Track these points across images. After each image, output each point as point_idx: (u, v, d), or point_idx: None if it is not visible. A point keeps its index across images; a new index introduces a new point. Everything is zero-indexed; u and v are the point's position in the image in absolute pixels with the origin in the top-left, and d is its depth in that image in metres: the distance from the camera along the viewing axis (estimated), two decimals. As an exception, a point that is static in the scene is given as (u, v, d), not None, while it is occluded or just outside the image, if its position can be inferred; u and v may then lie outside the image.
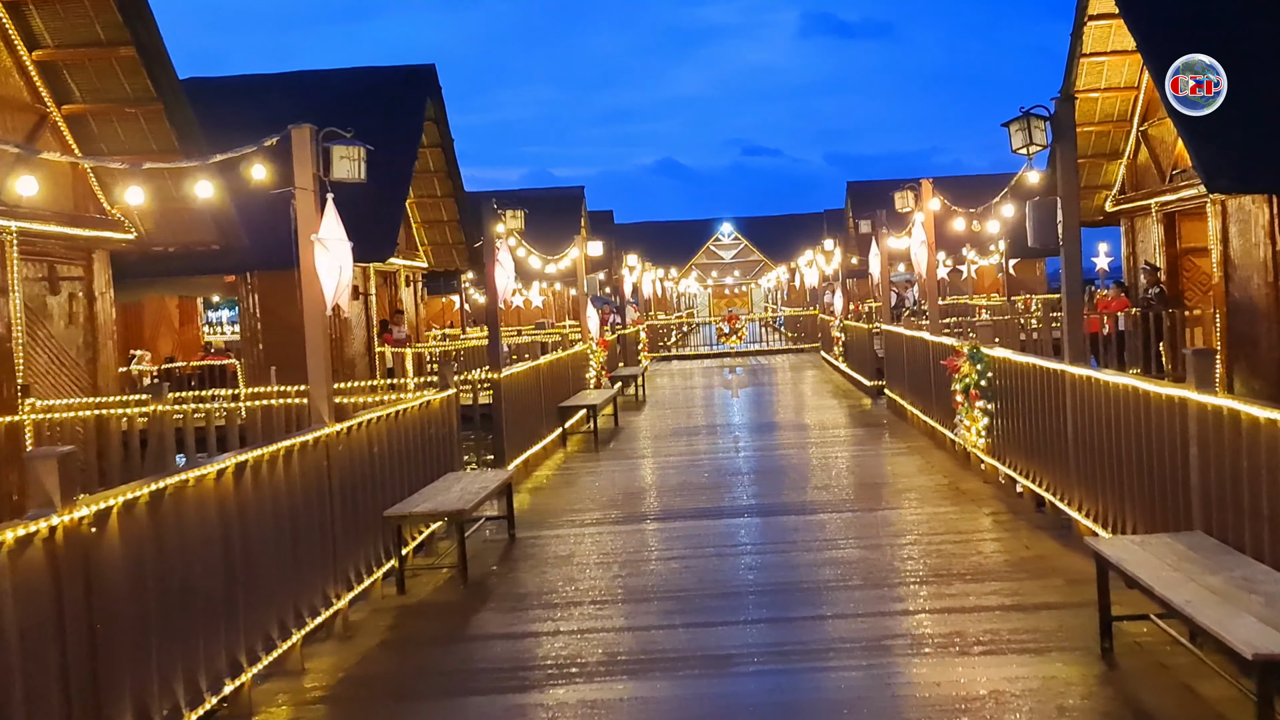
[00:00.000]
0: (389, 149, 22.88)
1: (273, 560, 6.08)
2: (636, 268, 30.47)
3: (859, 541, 8.68)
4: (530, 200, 48.32)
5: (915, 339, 14.57)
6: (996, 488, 10.38)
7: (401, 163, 22.69)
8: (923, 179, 13.14)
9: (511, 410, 12.46)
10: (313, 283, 6.98)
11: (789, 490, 11.15)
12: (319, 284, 6.96)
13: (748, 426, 16.82)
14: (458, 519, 7.95)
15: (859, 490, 10.94)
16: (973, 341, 10.67)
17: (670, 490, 11.61)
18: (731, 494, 11.19)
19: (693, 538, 9.25)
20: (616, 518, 10.23)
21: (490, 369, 11.89)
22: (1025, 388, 9.23)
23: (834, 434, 15.34)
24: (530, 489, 12.06)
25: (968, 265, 36.31)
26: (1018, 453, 9.62)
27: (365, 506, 7.64)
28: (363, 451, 7.63)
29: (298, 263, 7.03)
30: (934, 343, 13.15)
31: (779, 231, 75.00)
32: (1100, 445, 7.31)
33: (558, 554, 8.87)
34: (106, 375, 14.00)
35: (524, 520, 10.22)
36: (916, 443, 13.67)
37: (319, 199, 7.06)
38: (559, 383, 15.95)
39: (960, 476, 11.13)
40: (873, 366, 20.18)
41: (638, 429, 17.15)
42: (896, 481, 11.20)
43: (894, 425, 15.58)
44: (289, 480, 6.36)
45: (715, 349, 36.48)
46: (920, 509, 9.75)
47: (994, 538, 8.52)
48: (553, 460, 14.09)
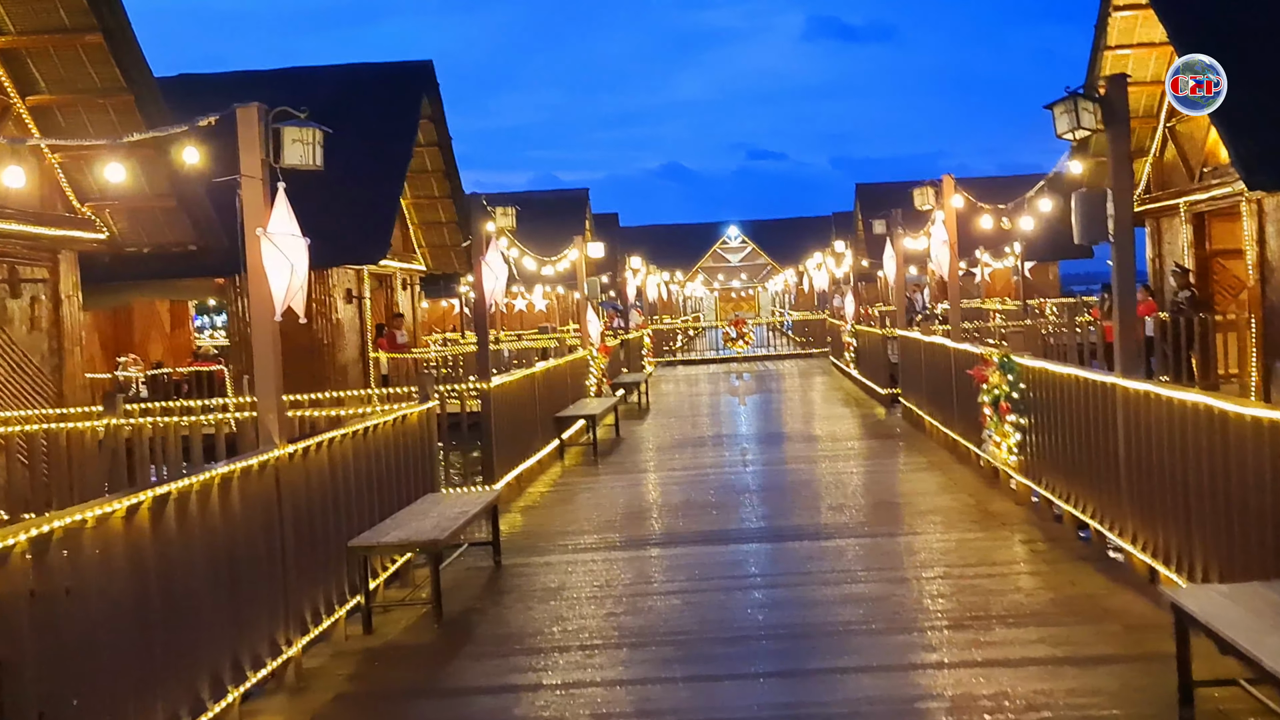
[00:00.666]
0: (383, 147, 22.11)
1: (205, 607, 5.21)
2: (641, 270, 29.58)
3: (880, 574, 7.78)
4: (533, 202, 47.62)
5: (935, 346, 13.68)
6: (1029, 510, 9.48)
7: (396, 161, 21.86)
8: (944, 175, 12.26)
9: (502, 423, 11.58)
10: (260, 283, 6.11)
11: (801, 510, 10.26)
12: (267, 285, 6.09)
13: (756, 437, 15.92)
14: (432, 550, 7.07)
15: (877, 511, 10.04)
16: (1002, 350, 9.77)
17: (673, 510, 10.72)
18: (739, 515, 10.30)
19: (697, 567, 8.36)
20: (614, 542, 9.34)
21: (479, 378, 11.02)
22: (1065, 401, 8.33)
23: (847, 446, 14.44)
24: (522, 507, 11.18)
25: (981, 268, 35.31)
26: (1056, 473, 8.72)
27: (327, 537, 6.76)
28: (323, 475, 6.75)
29: (243, 262, 6.15)
30: (957, 350, 12.25)
31: (786, 235, 74.06)
32: (1162, 471, 6.41)
33: (547, 586, 7.98)
34: (74, 384, 13.14)
35: (513, 544, 9.35)
36: (936, 456, 12.77)
37: (268, 188, 6.18)
38: (557, 391, 15.08)
39: (987, 496, 10.23)
40: (887, 373, 19.28)
41: (640, 440, 16.27)
42: (918, 501, 10.30)
43: (911, 437, 14.67)
44: (227, 512, 5.49)
45: (722, 354, 35.60)
46: (947, 534, 8.85)
47: (1033, 570, 7.62)
48: (549, 475, 13.22)
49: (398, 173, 21.77)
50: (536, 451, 13.34)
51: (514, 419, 12.21)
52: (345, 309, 21.57)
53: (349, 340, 21.64)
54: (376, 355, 22.68)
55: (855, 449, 14.18)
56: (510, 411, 12.02)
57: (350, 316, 21.88)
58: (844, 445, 14.57)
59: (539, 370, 13.67)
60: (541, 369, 13.93)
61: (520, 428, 12.51)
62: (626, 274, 25.66)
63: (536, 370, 13.51)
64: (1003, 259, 32.35)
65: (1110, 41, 18.53)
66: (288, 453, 6.19)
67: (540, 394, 13.81)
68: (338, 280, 21.22)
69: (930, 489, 10.87)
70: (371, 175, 21.32)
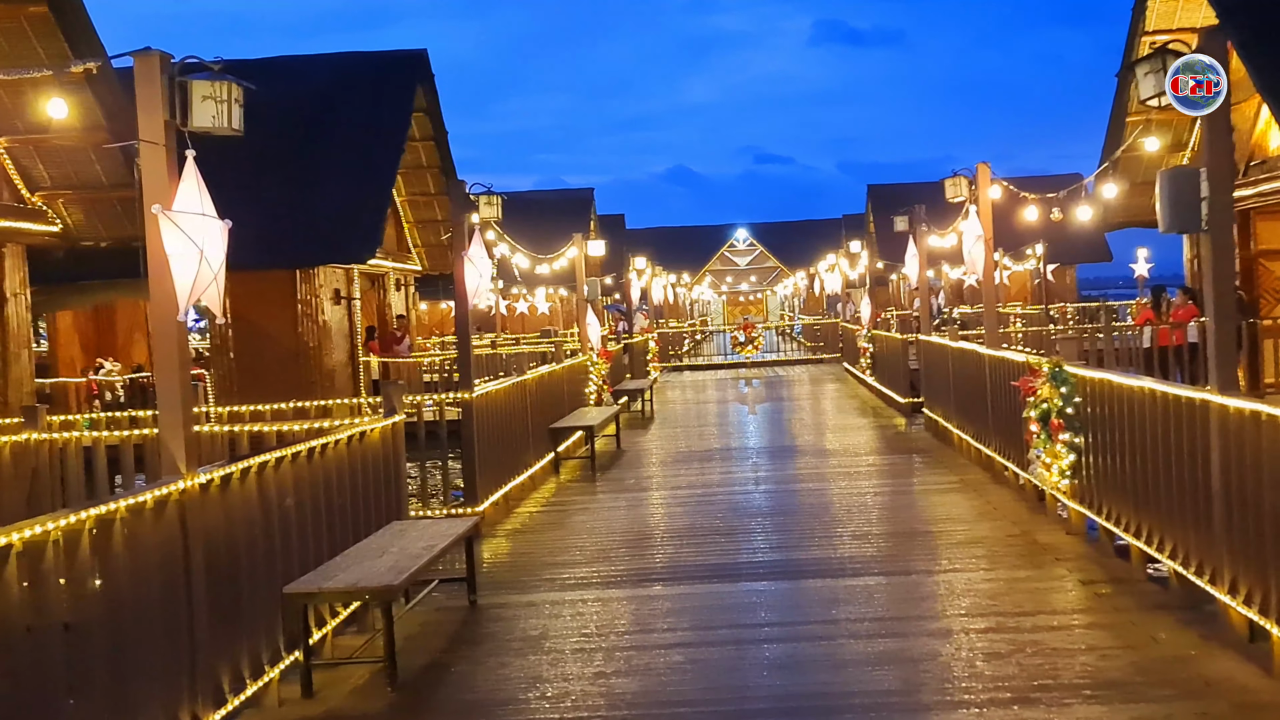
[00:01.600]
0: (373, 139, 20.92)
1: (58, 689, 4.03)
2: (646, 271, 28.38)
3: (919, 624, 6.57)
4: (538, 202, 46.60)
5: (966, 353, 12.47)
6: (1085, 542, 8.27)
7: (387, 154, 20.66)
8: (979, 163, 11.05)
9: (487, 436, 10.39)
10: (161, 274, 4.93)
11: (820, 539, 9.04)
12: (169, 275, 4.90)
13: (767, 450, 14.71)
14: (384, 598, 5.87)
15: (908, 541, 8.81)
16: (1053, 358, 8.55)
17: (676, 536, 9.51)
18: (750, 543, 9.10)
19: (701, 611, 7.16)
20: (607, 576, 8.14)
21: (460, 387, 9.83)
22: (1136, 419, 7.11)
23: (867, 462, 13.23)
24: (510, 531, 9.99)
25: (1000, 271, 34.06)
26: (1122, 502, 7.50)
27: (256, 583, 5.59)
28: (251, 508, 5.57)
29: (143, 248, 4.97)
30: (993, 358, 11.04)
31: (795, 238, 72.90)
32: (1275, 509, 5.20)
33: (526, 633, 6.79)
34: (19, 390, 11.98)
35: (493, 578, 8.17)
36: (969, 475, 11.55)
37: (174, 157, 4.99)
38: (552, 400, 13.89)
39: (1033, 524, 9.01)
40: (907, 381, 18.07)
41: (643, 452, 15.07)
42: (953, 529, 9.08)
43: (937, 452, 13.45)
44: (108, 564, 4.32)
45: (730, 358, 34.36)
46: (993, 573, 7.63)
47: (1103, 621, 6.41)
48: (541, 492, 12.02)
49: (389, 166, 20.59)
50: (528, 466, 12.15)
51: (502, 431, 11.02)
52: (333, 310, 20.39)
53: (337, 344, 20.46)
54: (367, 359, 21.51)
55: (876, 465, 12.96)
56: (497, 423, 10.84)
57: (339, 319, 20.70)
58: (864, 460, 13.36)
59: (531, 377, 12.48)
60: (534, 376, 12.74)
61: (509, 441, 11.32)
62: (630, 275, 24.41)
63: (528, 377, 12.32)
64: (1023, 261, 31.09)
65: (1149, 26, 17.29)
66: (198, 484, 5.00)
67: (533, 403, 12.62)
68: (325, 280, 20.05)
69: (966, 514, 9.65)
70: (361, 169, 20.16)
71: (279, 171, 19.98)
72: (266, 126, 21.41)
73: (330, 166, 20.27)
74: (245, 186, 19.95)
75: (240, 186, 20.19)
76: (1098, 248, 44.57)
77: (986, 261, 11.06)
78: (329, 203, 19.67)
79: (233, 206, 18.03)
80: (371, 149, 20.65)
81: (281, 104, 21.21)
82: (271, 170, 19.98)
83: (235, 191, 20.00)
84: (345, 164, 20.16)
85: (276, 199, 19.64)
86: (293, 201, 19.64)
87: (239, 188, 20.57)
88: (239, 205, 19.49)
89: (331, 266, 20.20)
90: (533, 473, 12.40)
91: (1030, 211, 11.36)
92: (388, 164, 20.60)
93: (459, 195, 9.63)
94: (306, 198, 19.73)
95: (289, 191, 19.78)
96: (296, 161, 20.19)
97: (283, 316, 19.42)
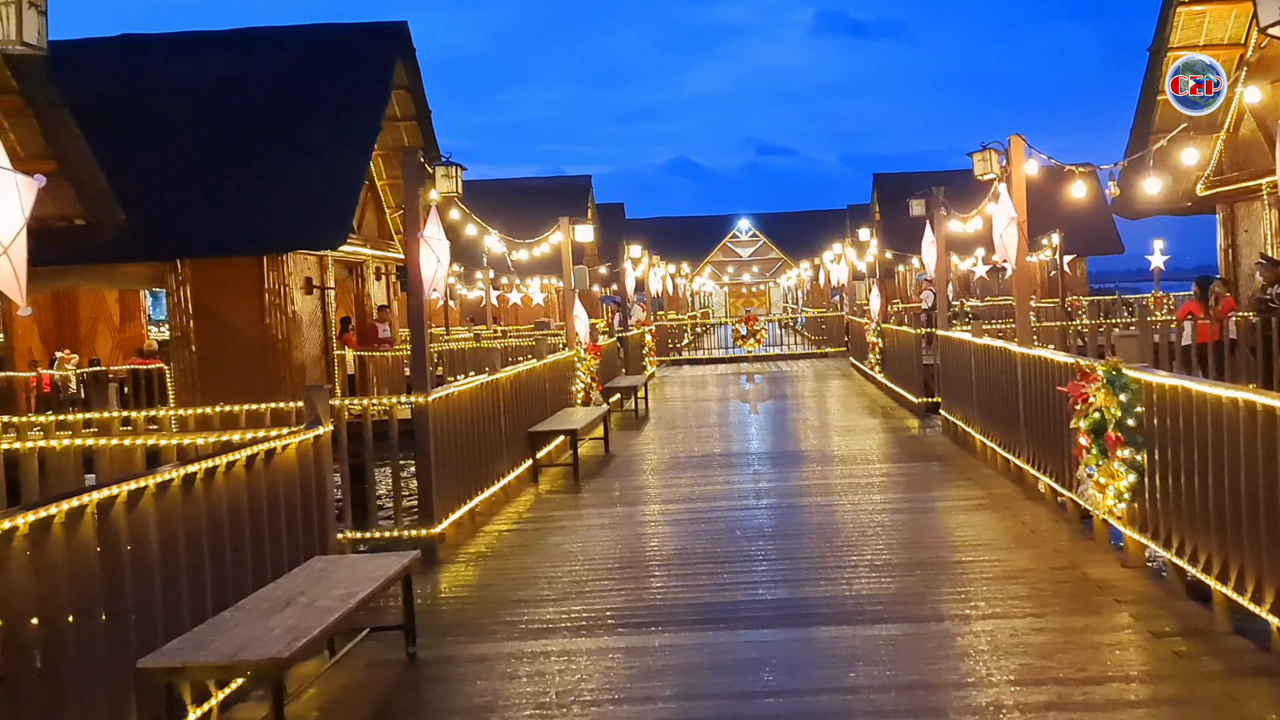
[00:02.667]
0: (347, 117, 19.50)
1: None
2: (642, 260, 27.02)
3: (962, 696, 5.22)
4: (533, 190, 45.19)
5: (993, 351, 11.12)
6: (1148, 579, 6.95)
7: (362, 133, 19.22)
8: (1012, 135, 9.69)
9: (450, 445, 9.05)
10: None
11: (832, 570, 7.71)
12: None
13: (770, 457, 13.36)
14: (270, 673, 4.52)
15: (935, 573, 7.47)
16: (1110, 360, 7.20)
17: (664, 565, 8.16)
18: (751, 575, 7.75)
19: (689, 671, 5.82)
20: (579, 620, 6.81)
21: (413, 388, 8.48)
22: (1219, 435, 5.76)
23: (881, 471, 11.89)
24: (472, 556, 8.66)
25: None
26: (1200, 534, 6.15)
27: (94, 656, 4.25)
28: (88, 560, 4.23)
29: None
30: (1027, 357, 9.68)
31: (798, 228, 71.43)
32: None
33: (470, 701, 5.47)
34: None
35: (445, 618, 6.88)
36: (996, 489, 10.22)
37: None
38: (532, 400, 12.55)
39: (1080, 553, 7.68)
40: (920, 379, 16.73)
41: (634, 457, 13.73)
42: (987, 559, 7.74)
43: (958, 460, 12.11)
44: None
45: (731, 352, 33.03)
46: (1042, 620, 6.30)
47: (1191, 695, 5.07)
48: (515, 506, 10.69)
49: (364, 146, 19.17)
50: (500, 477, 10.82)
51: (468, 438, 9.68)
52: (304, 300, 19.03)
53: (308, 336, 19.09)
54: (342, 352, 20.16)
55: (891, 475, 11.63)
56: (462, 429, 9.50)
57: (311, 309, 19.33)
58: (877, 469, 12.03)
59: (505, 376, 11.13)
60: (509, 374, 11.39)
61: (478, 448, 9.98)
62: (625, 264, 23.04)
63: (502, 376, 10.97)
64: (1039, 251, 29.71)
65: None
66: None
67: (508, 404, 11.29)
68: (295, 268, 18.68)
69: (999, 538, 8.32)
70: (334, 149, 18.75)
71: (245, 151, 18.63)
72: (232, 103, 20.19)
73: (301, 146, 18.85)
74: (208, 167, 18.65)
75: (203, 167, 18.89)
76: (1109, 239, 43.22)
77: (1020, 248, 9.71)
78: (299, 185, 18.28)
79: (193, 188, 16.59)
80: (346, 127, 19.24)
81: (249, 79, 19.90)
82: (237, 150, 18.65)
83: (197, 172, 18.94)
84: (317, 143, 18.76)
85: (242, 181, 18.31)
86: (260, 183, 18.28)
87: (201, 168, 19.32)
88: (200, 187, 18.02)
89: (302, 253, 18.84)
90: (507, 483, 11.08)
91: (1078, 187, 9.98)
92: (363, 143, 19.20)
93: (412, 166, 8.29)
94: (275, 179, 18.34)
95: (256, 173, 18.41)
96: (264, 140, 18.81)
97: (248, 307, 18.05)
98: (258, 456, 5.61)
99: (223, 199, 18.16)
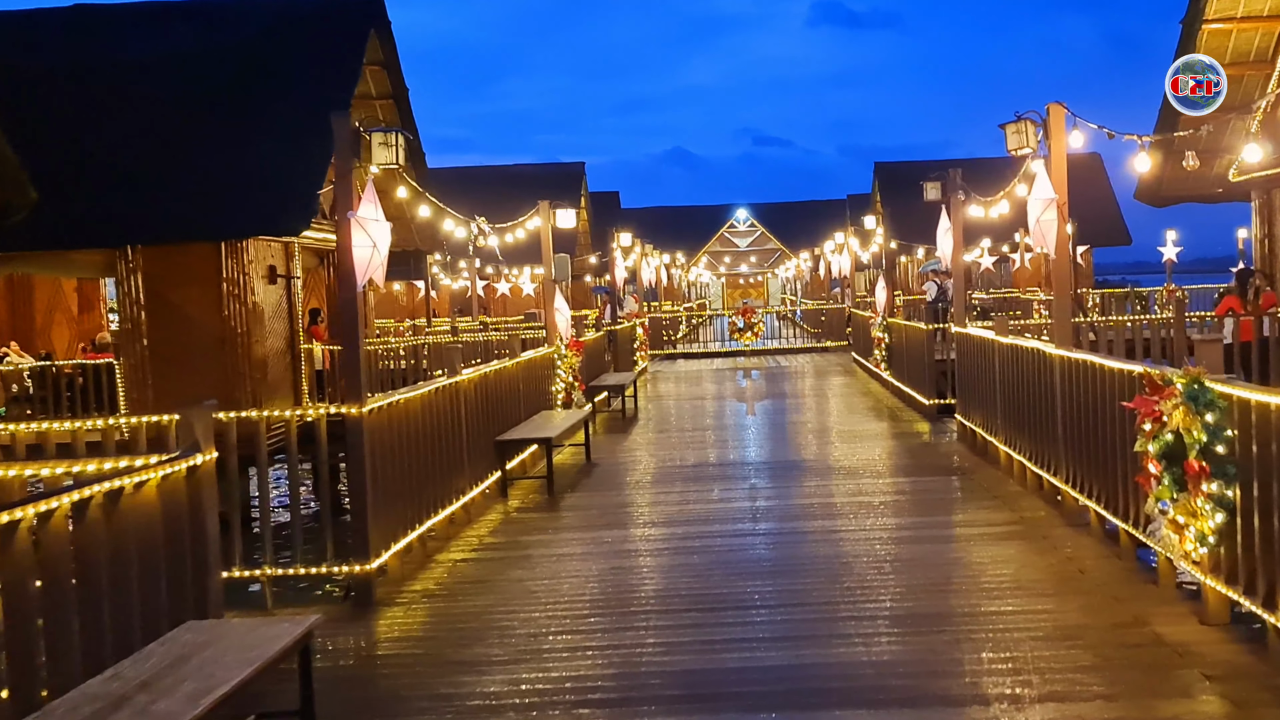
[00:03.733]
0: (315, 94, 18.03)
1: None
2: (634, 249, 25.61)
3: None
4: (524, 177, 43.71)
5: (1023, 351, 9.76)
6: (1238, 642, 5.61)
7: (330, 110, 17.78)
8: (1050, 103, 8.33)
9: (392, 465, 7.69)
10: None
11: (845, 624, 6.34)
12: None
13: (768, 467, 12.00)
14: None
15: (970, 631, 6.08)
16: (1188, 370, 5.84)
17: (643, 612, 6.79)
18: (747, 630, 6.36)
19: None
20: (532, 694, 5.45)
21: (345, 398, 7.10)
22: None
23: (892, 486, 10.56)
24: (416, 596, 7.31)
25: (1021, 253, 31.27)
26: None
27: None
28: None
29: None
30: (1068, 361, 8.31)
31: (797, 219, 70.17)
32: None
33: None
34: None
35: (361, 694, 5.53)
36: (1027, 510, 8.89)
37: None
38: (503, 404, 11.21)
39: (1145, 603, 6.34)
40: (932, 379, 15.38)
41: (618, 466, 12.38)
42: (1032, 610, 6.39)
43: (979, 474, 10.77)
44: None
45: (727, 346, 31.64)
46: (1115, 704, 4.95)
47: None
48: (478, 528, 9.34)
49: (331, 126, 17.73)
50: (462, 493, 9.46)
51: (418, 453, 8.31)
52: (267, 291, 17.62)
53: (271, 328, 17.69)
54: (309, 346, 18.78)
55: (905, 492, 10.28)
56: (410, 444, 8.13)
57: (275, 299, 17.93)
58: (887, 484, 10.69)
59: (467, 378, 9.76)
60: (473, 376, 10.02)
61: (431, 464, 8.62)
62: (615, 252, 21.61)
63: (463, 378, 9.60)
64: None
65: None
66: None
67: (473, 410, 9.93)
68: (257, 255, 17.26)
69: (1041, 579, 6.97)
70: (300, 128, 17.32)
71: (205, 130, 17.24)
72: (192, 78, 18.74)
73: (265, 125, 17.45)
74: (164, 147, 17.24)
75: (158, 146, 17.45)
76: (1115, 229, 41.99)
77: (1060, 233, 8.32)
78: (262, 166, 16.89)
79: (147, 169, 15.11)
80: (314, 105, 17.76)
81: (211, 53, 18.49)
82: (196, 128, 17.27)
83: (151, 152, 17.50)
84: (283, 122, 17.37)
85: (200, 162, 16.93)
86: (219, 164, 16.89)
87: (156, 148, 17.88)
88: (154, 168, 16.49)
89: (265, 240, 17.43)
90: (471, 499, 9.74)
91: (1143, 161, 8.61)
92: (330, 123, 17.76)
93: (345, 133, 6.93)
94: (236, 160, 16.94)
95: (215, 153, 17.02)
96: (225, 118, 17.42)
97: (205, 297, 16.64)
98: (93, 501, 4.24)
99: (179, 181, 16.78)
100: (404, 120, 21.97)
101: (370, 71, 20.23)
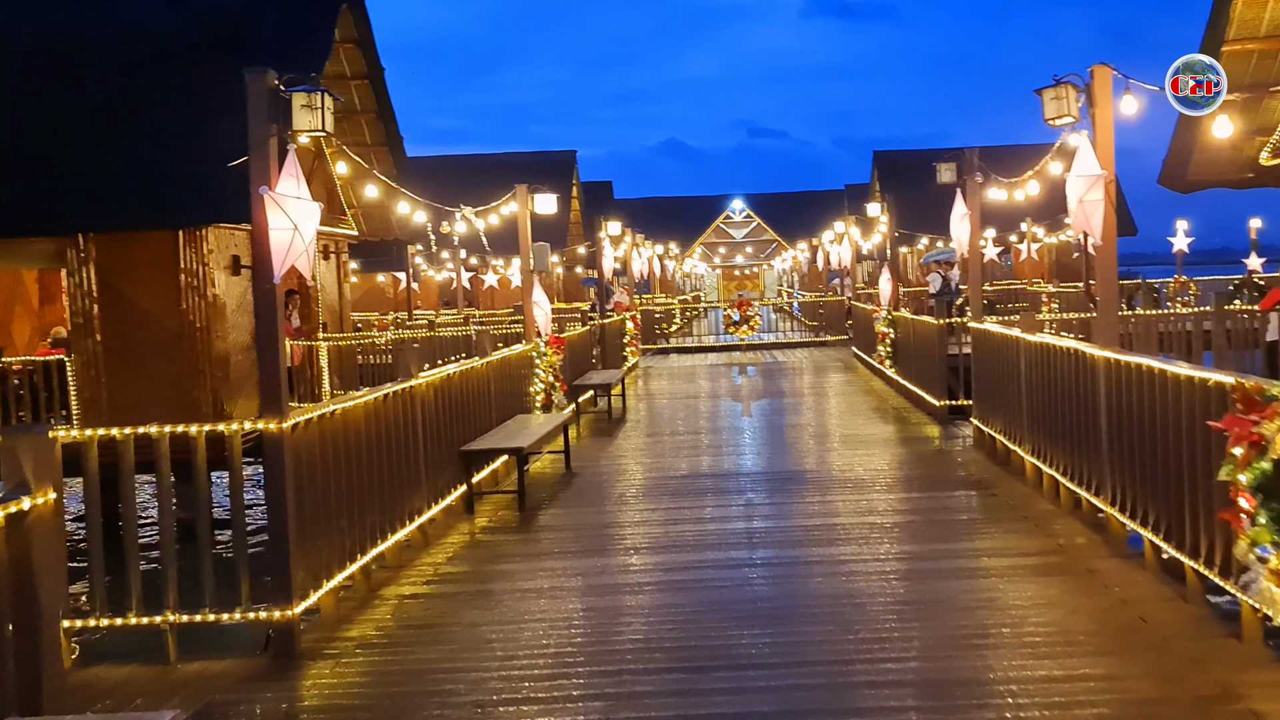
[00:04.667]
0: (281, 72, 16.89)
1: None
2: (624, 239, 24.41)
3: None
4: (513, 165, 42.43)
5: (1055, 352, 8.60)
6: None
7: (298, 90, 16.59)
8: (1094, 65, 7.17)
9: (325, 487, 6.52)
10: None
11: (864, 695, 5.17)
12: None
13: (766, 479, 10.85)
14: None
15: (1022, 710, 4.91)
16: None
17: (614, 674, 5.59)
18: (741, 703, 5.18)
19: None
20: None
21: (263, 411, 5.93)
22: None
23: (905, 504, 9.40)
24: (349, 646, 6.14)
25: (1028, 243, 30.06)
26: None
27: None
28: None
29: None
30: (1114, 363, 7.14)
31: (793, 209, 68.87)
32: None
33: None
34: None
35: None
36: (1065, 536, 7.74)
37: None
38: (471, 409, 10.04)
39: (1231, 666, 5.17)
40: (942, 379, 14.21)
41: (600, 477, 11.22)
42: (1093, 676, 5.22)
43: (1001, 486, 9.61)
44: None
45: (722, 339, 30.47)
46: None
47: None
48: (436, 553, 8.18)
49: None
50: (418, 514, 8.29)
51: (361, 471, 7.14)
52: (230, 282, 16.38)
53: (235, 323, 16.45)
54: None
55: (920, 510, 9.13)
56: (350, 461, 6.95)
57: (238, 292, 16.68)
58: (899, 500, 9.54)
59: (424, 381, 8.58)
60: (431, 379, 8.84)
61: (378, 483, 7.44)
62: (603, 242, 20.42)
63: (419, 381, 8.42)
64: (1062, 231, 27.15)
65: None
66: None
67: (431, 417, 8.76)
68: (218, 244, 16.01)
69: (1097, 631, 5.80)
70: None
71: (160, 110, 16.01)
72: (150, 56, 17.59)
73: (226, 104, 16.10)
74: (119, 129, 16.04)
75: (113, 129, 16.25)
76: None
77: (1107, 215, 7.16)
78: (223, 149, 15.54)
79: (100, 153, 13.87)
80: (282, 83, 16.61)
81: (173, 30, 17.30)
82: (151, 108, 16.04)
83: (105, 136, 16.27)
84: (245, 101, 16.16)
85: (156, 144, 15.70)
86: (177, 147, 15.66)
87: (111, 130, 16.68)
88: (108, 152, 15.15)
89: (227, 228, 16.19)
90: (430, 518, 8.58)
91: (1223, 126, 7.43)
92: (298, 101, 16.57)
93: (260, 92, 5.77)
94: (194, 142, 15.64)
95: (172, 134, 15.79)
96: (182, 98, 16.19)
97: (162, 289, 15.41)
98: None
99: (133, 165, 15.57)
100: (379, 101, 20.78)
101: (344, 50, 19.03)
